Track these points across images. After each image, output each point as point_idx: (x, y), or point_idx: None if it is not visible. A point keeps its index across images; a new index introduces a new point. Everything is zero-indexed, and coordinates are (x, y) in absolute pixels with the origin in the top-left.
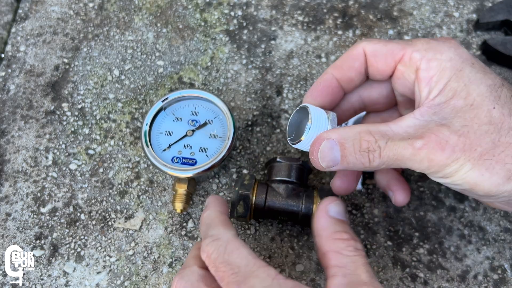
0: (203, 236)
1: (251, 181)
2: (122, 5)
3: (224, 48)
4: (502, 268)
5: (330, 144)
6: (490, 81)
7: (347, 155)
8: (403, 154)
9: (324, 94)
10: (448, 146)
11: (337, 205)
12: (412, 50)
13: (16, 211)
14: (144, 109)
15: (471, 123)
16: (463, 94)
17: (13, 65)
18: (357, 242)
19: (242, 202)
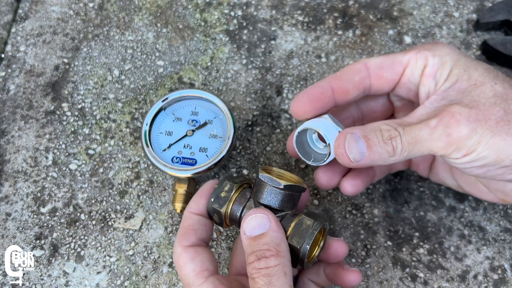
0: None
1: (228, 194)
2: (122, 5)
3: (224, 48)
4: (502, 268)
5: (355, 136)
6: (485, 66)
7: (372, 146)
8: (421, 135)
9: (315, 100)
10: (462, 117)
11: (250, 220)
12: (415, 52)
13: (16, 211)
14: (144, 109)
15: (479, 98)
16: (465, 77)
17: (13, 65)
18: (260, 261)
19: (216, 215)
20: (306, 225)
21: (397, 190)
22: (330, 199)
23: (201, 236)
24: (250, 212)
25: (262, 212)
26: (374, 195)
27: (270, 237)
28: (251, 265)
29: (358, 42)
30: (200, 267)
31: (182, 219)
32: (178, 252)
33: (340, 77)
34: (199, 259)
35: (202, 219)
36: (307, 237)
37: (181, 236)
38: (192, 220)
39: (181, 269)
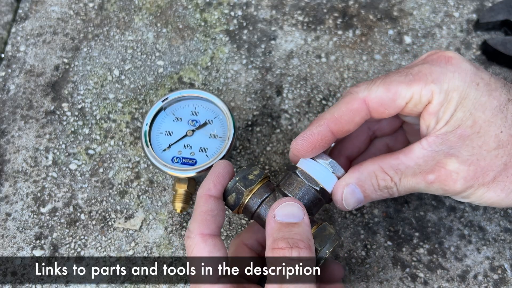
0: None
1: (257, 179)
2: (122, 5)
3: (224, 48)
4: (502, 268)
5: (351, 189)
6: (495, 102)
7: (369, 194)
8: (418, 187)
9: (315, 147)
10: (459, 177)
11: (284, 207)
12: (420, 86)
13: (16, 211)
14: (144, 109)
15: (480, 150)
16: (469, 122)
17: (13, 65)
18: (293, 249)
19: (235, 195)
20: (329, 232)
21: None
22: None
23: (219, 224)
24: (285, 198)
25: (298, 202)
26: None
27: (303, 229)
28: (281, 251)
29: (358, 42)
30: (216, 263)
31: (197, 201)
32: (196, 240)
33: (339, 120)
34: (216, 254)
35: (220, 203)
36: (329, 242)
37: (200, 222)
38: (211, 204)
39: (193, 258)
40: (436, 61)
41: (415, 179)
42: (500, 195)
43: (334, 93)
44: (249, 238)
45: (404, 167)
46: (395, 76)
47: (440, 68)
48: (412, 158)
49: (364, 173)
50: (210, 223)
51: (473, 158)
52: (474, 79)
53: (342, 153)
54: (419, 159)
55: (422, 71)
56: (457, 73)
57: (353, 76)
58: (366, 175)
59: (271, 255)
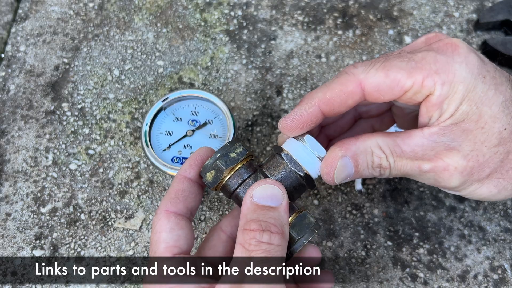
0: None
1: (239, 157)
2: (122, 5)
3: (224, 48)
4: (502, 268)
5: (345, 162)
6: (501, 97)
7: (360, 170)
8: (411, 173)
9: (304, 125)
10: (456, 171)
11: (263, 189)
12: (422, 76)
13: (16, 211)
14: (144, 109)
15: (481, 146)
16: (475, 117)
17: (13, 65)
18: (264, 232)
19: (214, 173)
20: (309, 221)
21: (397, 190)
22: (330, 199)
23: (189, 205)
24: (266, 180)
25: (280, 186)
26: (374, 195)
27: (279, 214)
28: (251, 233)
29: (358, 42)
30: (174, 241)
31: (173, 181)
32: (159, 216)
33: (331, 102)
34: (176, 233)
35: (194, 186)
36: (308, 232)
37: (168, 199)
38: (183, 185)
39: (155, 233)
40: (442, 50)
41: (410, 164)
42: (493, 191)
43: None
44: (228, 224)
45: (400, 150)
46: (396, 60)
47: (446, 58)
48: (410, 144)
49: (360, 147)
50: (178, 202)
51: (473, 154)
52: (481, 72)
53: (323, 132)
54: (417, 147)
55: (426, 58)
56: (464, 64)
57: None
58: (362, 150)
59: (241, 236)
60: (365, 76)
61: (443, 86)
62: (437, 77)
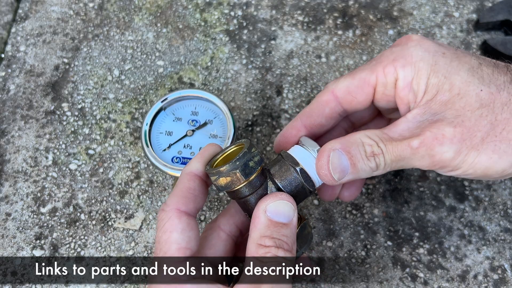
0: None
1: (256, 166)
2: (122, 5)
3: (224, 48)
4: (502, 268)
5: (338, 154)
6: (467, 65)
7: (355, 163)
8: (404, 154)
9: (290, 141)
10: (445, 139)
11: (277, 205)
12: (382, 67)
13: (16, 211)
14: (144, 109)
15: (464, 111)
16: (447, 86)
17: (13, 65)
18: (279, 250)
19: (229, 180)
20: (307, 231)
21: (397, 190)
22: None
23: (198, 205)
24: (281, 195)
25: (293, 202)
26: (374, 195)
27: (291, 231)
28: (266, 248)
29: (358, 42)
30: (186, 243)
31: (181, 178)
32: (169, 214)
33: (310, 113)
34: (188, 234)
35: (204, 185)
36: (307, 243)
37: (180, 197)
38: (194, 183)
39: (164, 232)
40: (397, 43)
41: (400, 145)
42: (493, 156)
43: None
44: (226, 222)
45: (388, 136)
46: (361, 67)
47: (401, 47)
48: (397, 131)
49: (350, 140)
50: (190, 202)
51: (458, 120)
52: (438, 50)
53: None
54: (404, 131)
55: (384, 54)
56: (418, 46)
57: None
58: (352, 141)
59: (255, 249)
60: (335, 84)
61: (404, 68)
62: (396, 63)
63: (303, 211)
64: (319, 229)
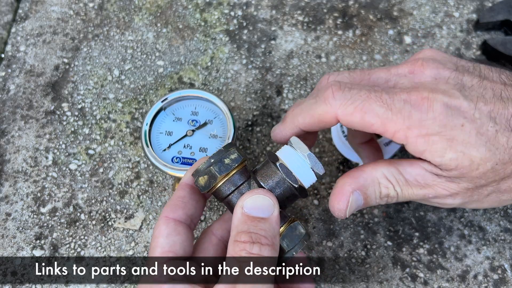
0: None
1: (233, 164)
2: (122, 5)
3: (224, 48)
4: (502, 268)
5: (356, 196)
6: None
7: (368, 202)
8: (416, 199)
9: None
10: (458, 196)
11: (253, 199)
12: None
13: (16, 211)
14: (144, 109)
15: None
16: (466, 162)
17: (13, 65)
18: (254, 245)
19: (207, 178)
20: (299, 232)
21: None
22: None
23: (189, 212)
24: (257, 190)
25: (271, 196)
26: None
27: (270, 226)
28: (241, 245)
29: (358, 42)
30: (169, 247)
31: (176, 189)
32: (159, 221)
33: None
34: (173, 239)
35: (196, 193)
36: (298, 244)
37: (169, 205)
38: (184, 192)
39: (153, 239)
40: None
41: (417, 193)
42: (494, 204)
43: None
44: (219, 227)
45: (405, 180)
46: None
47: (420, 114)
48: (412, 174)
49: (368, 180)
50: (178, 209)
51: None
52: (457, 122)
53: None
54: (419, 176)
55: (402, 112)
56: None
57: None
58: (370, 182)
59: (232, 247)
60: (342, 112)
61: (417, 139)
62: (409, 132)
63: (303, 211)
64: (319, 229)
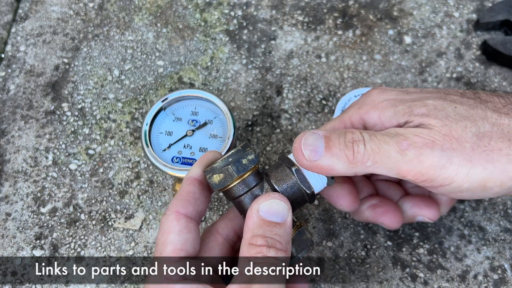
0: None
1: (250, 165)
2: (122, 5)
3: (224, 48)
4: (502, 268)
5: (315, 135)
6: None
7: (331, 147)
8: (389, 150)
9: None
10: (436, 145)
11: (269, 204)
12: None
13: (16, 211)
14: (144, 109)
15: (447, 121)
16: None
17: (13, 65)
18: (270, 249)
19: (222, 176)
20: (306, 237)
21: None
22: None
23: (198, 208)
24: (274, 194)
25: (286, 202)
26: None
27: (285, 231)
28: (258, 248)
29: (358, 42)
30: (181, 244)
31: (182, 183)
32: (169, 217)
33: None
34: (185, 236)
35: (204, 189)
36: (305, 249)
37: (180, 200)
38: (194, 187)
39: (163, 234)
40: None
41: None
42: (488, 167)
43: (334, 93)
44: (225, 226)
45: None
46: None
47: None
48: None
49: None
50: (189, 205)
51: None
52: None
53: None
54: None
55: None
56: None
57: (353, 76)
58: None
59: (246, 249)
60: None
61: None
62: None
63: (303, 211)
64: (319, 229)
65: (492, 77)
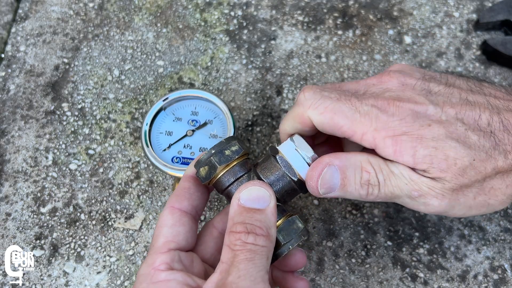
0: None
1: (234, 155)
2: (122, 5)
3: (224, 48)
4: (502, 268)
5: (332, 170)
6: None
7: (346, 184)
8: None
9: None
10: (445, 198)
11: (250, 191)
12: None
13: (16, 211)
14: (144, 109)
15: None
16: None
17: (13, 65)
18: (249, 235)
19: (207, 168)
20: (297, 226)
21: None
22: (330, 199)
23: (194, 203)
24: (254, 182)
25: (267, 188)
26: None
27: (266, 217)
28: (237, 235)
29: (358, 42)
30: (173, 237)
31: (180, 181)
32: (164, 211)
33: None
34: (177, 229)
35: (200, 185)
36: (294, 238)
37: (174, 196)
38: (189, 183)
39: (157, 228)
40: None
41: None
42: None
43: None
44: (220, 220)
45: (389, 171)
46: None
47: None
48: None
49: (351, 160)
50: (184, 199)
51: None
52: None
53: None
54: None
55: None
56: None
57: (353, 76)
58: (352, 162)
59: (227, 237)
60: (312, 112)
61: (385, 140)
62: (376, 133)
63: (303, 211)
64: (319, 229)
65: (492, 77)
